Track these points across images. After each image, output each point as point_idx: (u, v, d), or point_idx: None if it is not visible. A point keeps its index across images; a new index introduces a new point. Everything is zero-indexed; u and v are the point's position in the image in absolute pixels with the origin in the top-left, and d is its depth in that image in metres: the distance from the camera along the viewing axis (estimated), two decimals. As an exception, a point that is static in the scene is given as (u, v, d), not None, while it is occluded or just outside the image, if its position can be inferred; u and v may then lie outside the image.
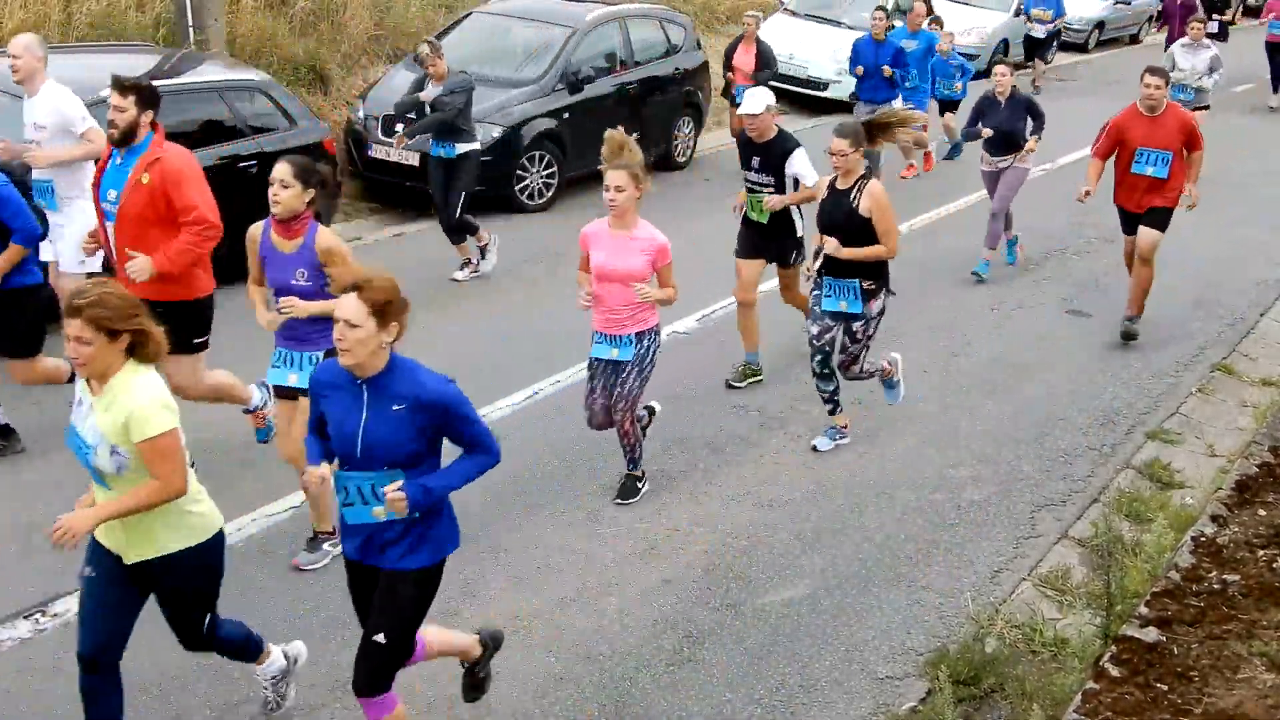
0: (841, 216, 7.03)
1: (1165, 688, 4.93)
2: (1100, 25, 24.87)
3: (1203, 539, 6.13)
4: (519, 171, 12.00)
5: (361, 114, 12.03)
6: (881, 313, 7.32)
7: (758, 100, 7.95)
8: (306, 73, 13.07)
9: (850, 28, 17.63)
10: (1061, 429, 8.08)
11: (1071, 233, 12.38)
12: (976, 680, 5.41)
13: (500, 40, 13.24)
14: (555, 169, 12.26)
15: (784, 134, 8.04)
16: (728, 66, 13.84)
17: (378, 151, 11.71)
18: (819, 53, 17.10)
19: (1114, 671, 5.03)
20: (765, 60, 13.58)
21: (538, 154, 12.11)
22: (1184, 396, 8.66)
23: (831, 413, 7.61)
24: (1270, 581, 5.73)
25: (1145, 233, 9.27)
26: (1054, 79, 21.05)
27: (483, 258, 10.31)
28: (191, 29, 11.92)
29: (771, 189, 8.06)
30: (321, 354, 5.69)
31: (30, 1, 11.61)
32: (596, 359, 6.61)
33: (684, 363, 8.73)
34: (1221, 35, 19.51)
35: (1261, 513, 6.47)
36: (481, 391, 8.02)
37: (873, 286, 7.16)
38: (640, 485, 6.95)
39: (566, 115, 12.34)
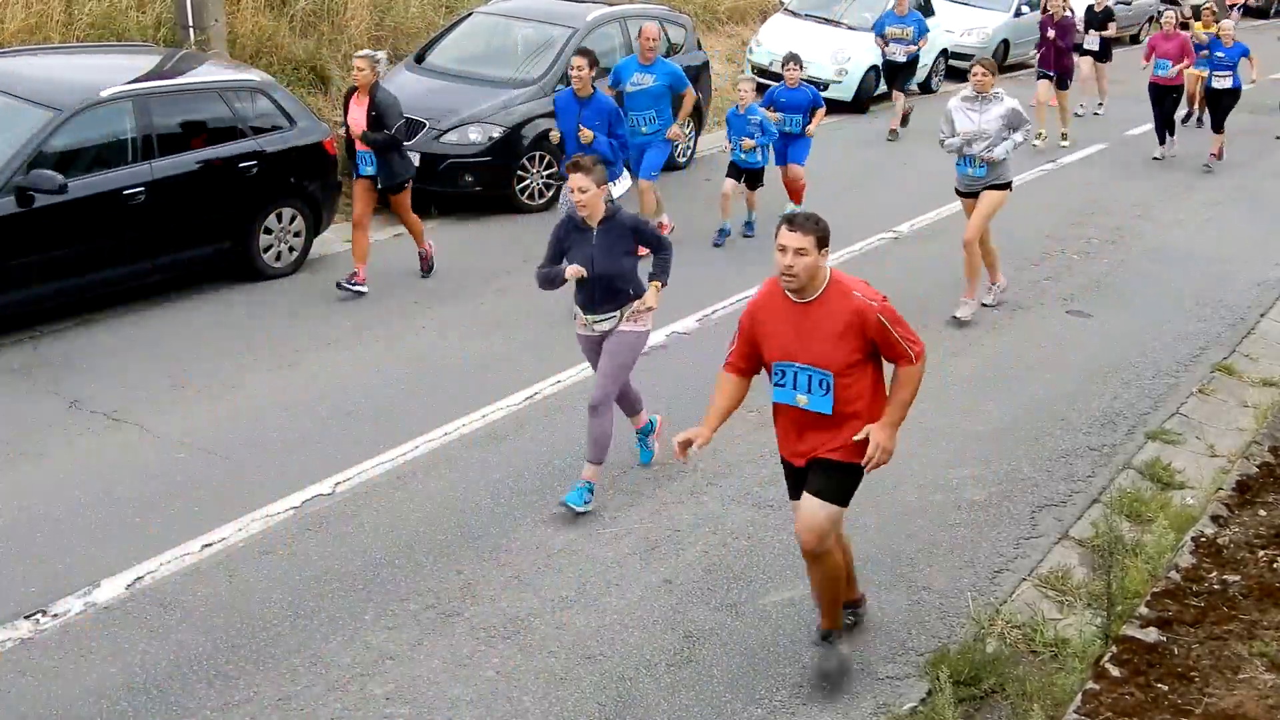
0: None
1: (1166, 688, 4.93)
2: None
3: (1203, 539, 6.13)
4: (519, 171, 11.99)
5: (362, 114, 12.02)
6: None
7: None
8: (306, 73, 13.07)
9: (851, 28, 17.65)
10: (1062, 429, 8.08)
11: (1071, 233, 12.38)
12: (977, 680, 5.41)
13: (500, 40, 13.23)
14: (555, 169, 12.24)
15: None
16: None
17: (378, 151, 11.68)
18: (819, 53, 17.07)
19: (1114, 672, 5.03)
20: (382, 117, 9.38)
21: (538, 154, 12.09)
22: (1184, 396, 8.66)
23: None
24: (1271, 582, 5.73)
25: (808, 506, 5.18)
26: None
27: None
28: (192, 29, 11.92)
29: None
30: None
31: (32, 1, 11.60)
32: None
33: (684, 363, 8.73)
34: (1103, 55, 17.45)
35: (1262, 513, 6.47)
36: (481, 391, 8.04)
37: None
38: None
39: (567, 115, 12.33)
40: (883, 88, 17.87)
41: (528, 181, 12.11)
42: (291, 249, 9.95)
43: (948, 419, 8.13)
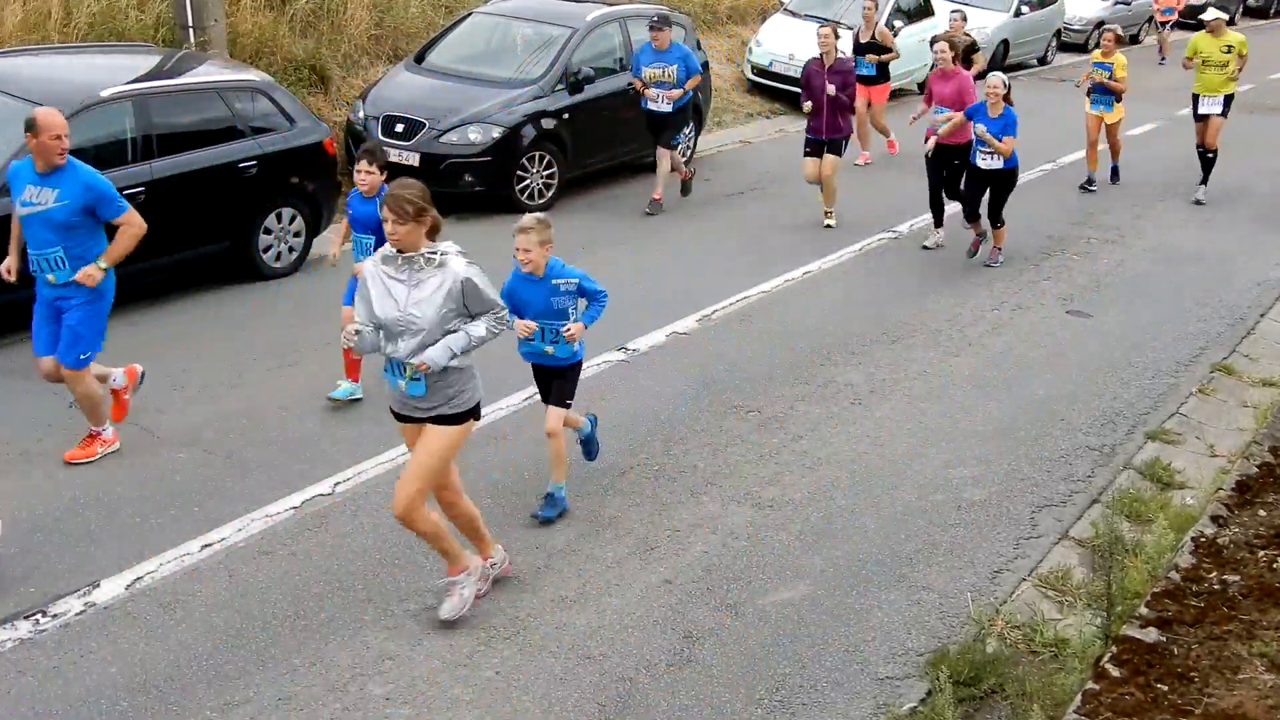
0: None
1: (1165, 688, 4.93)
2: (1100, 25, 24.88)
3: (1203, 539, 6.13)
4: (519, 171, 12.00)
5: (361, 114, 12.03)
6: None
7: None
8: (307, 73, 13.07)
9: (850, 28, 17.63)
10: (1062, 429, 8.08)
11: (1071, 233, 12.38)
12: (977, 681, 5.41)
13: (500, 40, 13.24)
14: (555, 169, 12.25)
15: None
16: None
17: (378, 151, 11.68)
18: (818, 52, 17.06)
19: (1114, 672, 5.03)
20: None
21: (538, 154, 12.11)
22: (1184, 396, 8.66)
23: None
24: (1270, 582, 5.73)
25: None
26: (1054, 79, 21.04)
27: None
28: (192, 29, 11.91)
29: None
30: None
31: (34, 3, 11.59)
32: None
33: (684, 363, 8.73)
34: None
35: (1261, 513, 6.47)
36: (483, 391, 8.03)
37: None
38: None
39: (566, 115, 12.34)
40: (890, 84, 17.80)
41: (528, 181, 12.11)
42: (291, 249, 9.95)
43: (948, 419, 8.13)
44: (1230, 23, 29.29)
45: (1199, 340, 9.77)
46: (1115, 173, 14.38)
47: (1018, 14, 21.23)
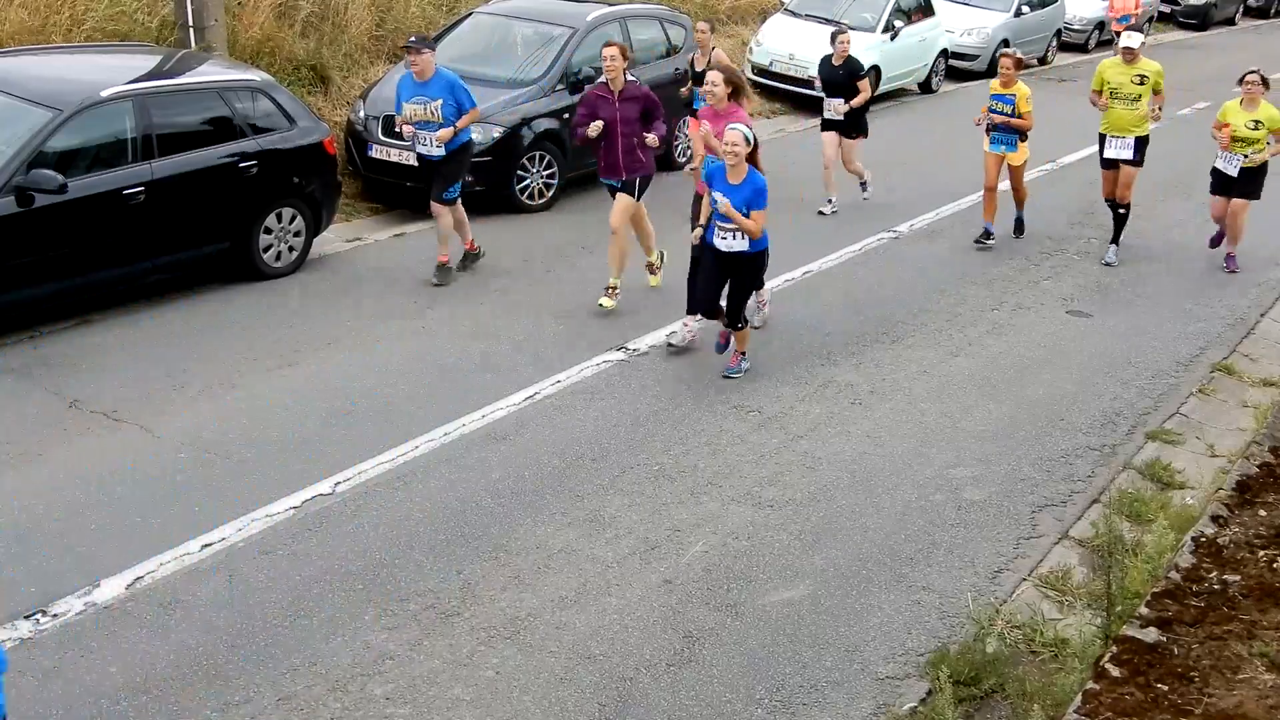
0: None
1: (1166, 688, 4.93)
2: (1100, 25, 24.87)
3: (1203, 539, 6.13)
4: (519, 171, 11.99)
5: (362, 114, 12.03)
6: None
7: None
8: (307, 73, 13.07)
9: (851, 28, 17.62)
10: (1062, 429, 8.08)
11: (1071, 233, 12.38)
12: (977, 680, 5.42)
13: (500, 40, 13.23)
14: (555, 169, 12.25)
15: None
16: None
17: (378, 151, 11.70)
18: (819, 53, 17.06)
19: (1114, 672, 5.03)
20: None
21: (538, 154, 12.10)
22: (1184, 396, 8.66)
23: None
24: (1271, 582, 5.73)
25: None
26: (1054, 79, 21.03)
27: None
28: (192, 30, 11.91)
29: None
30: None
31: (40, 7, 11.57)
32: None
33: (683, 363, 8.73)
34: (853, 127, 12.47)
35: (1262, 513, 6.47)
36: (481, 391, 8.04)
37: None
38: None
39: (567, 115, 12.33)
40: (890, 84, 17.75)
41: (528, 181, 12.10)
42: (291, 249, 9.94)
43: (948, 419, 8.13)
44: (1230, 23, 28.98)
45: (1199, 340, 9.77)
46: (1019, 224, 12.01)
47: (1018, 14, 21.22)
